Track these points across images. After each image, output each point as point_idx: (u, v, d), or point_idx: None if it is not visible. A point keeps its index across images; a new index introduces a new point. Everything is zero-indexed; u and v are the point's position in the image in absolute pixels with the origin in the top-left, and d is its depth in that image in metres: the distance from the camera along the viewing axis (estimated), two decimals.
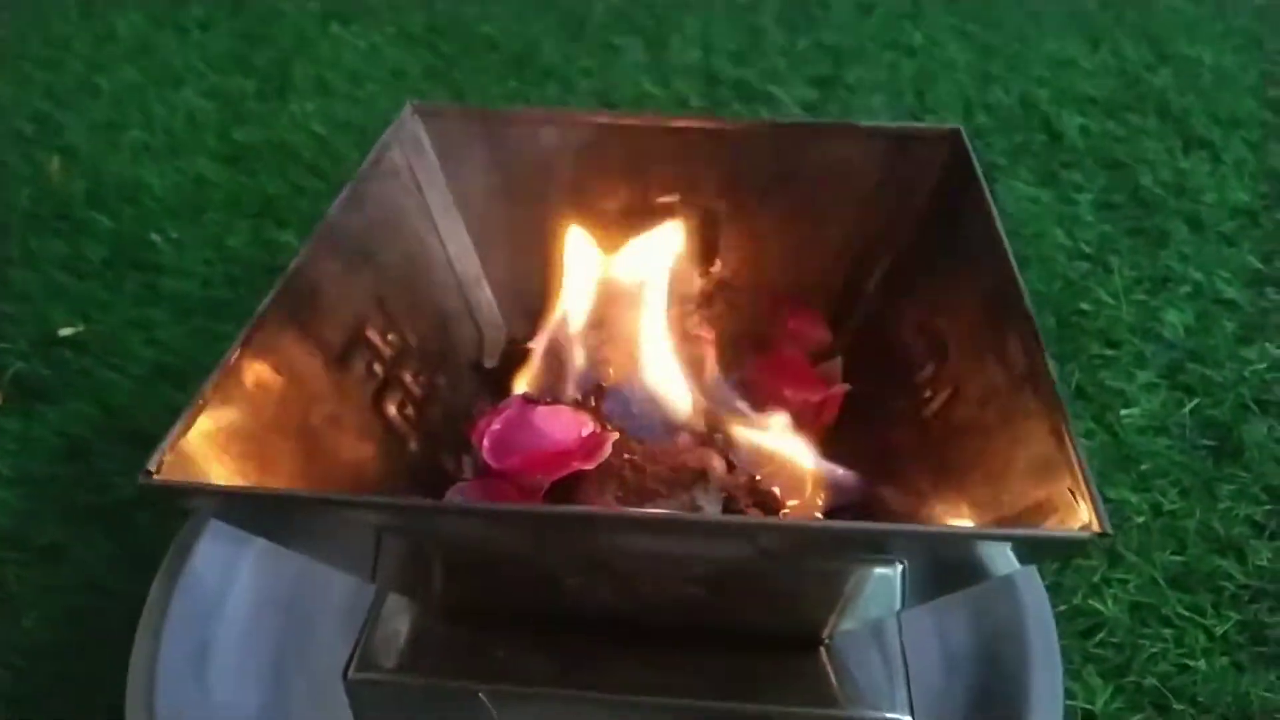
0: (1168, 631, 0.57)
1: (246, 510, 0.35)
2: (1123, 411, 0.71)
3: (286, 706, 0.52)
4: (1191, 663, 0.55)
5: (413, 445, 0.48)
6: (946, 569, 0.36)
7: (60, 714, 0.54)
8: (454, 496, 0.45)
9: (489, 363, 0.54)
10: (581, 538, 0.34)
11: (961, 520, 0.39)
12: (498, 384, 0.52)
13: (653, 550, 0.36)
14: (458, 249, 0.55)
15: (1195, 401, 0.72)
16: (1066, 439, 0.35)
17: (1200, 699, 0.53)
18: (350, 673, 0.44)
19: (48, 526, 0.63)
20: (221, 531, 0.59)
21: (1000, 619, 0.54)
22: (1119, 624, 0.57)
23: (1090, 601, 0.58)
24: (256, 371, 0.39)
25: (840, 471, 0.46)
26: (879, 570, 0.39)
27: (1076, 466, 0.33)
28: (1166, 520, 0.63)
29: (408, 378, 0.49)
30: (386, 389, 0.47)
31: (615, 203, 0.56)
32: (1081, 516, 0.32)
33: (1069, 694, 0.52)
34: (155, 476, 0.34)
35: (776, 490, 0.45)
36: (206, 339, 0.77)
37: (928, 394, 0.46)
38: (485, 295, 0.56)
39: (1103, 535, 0.31)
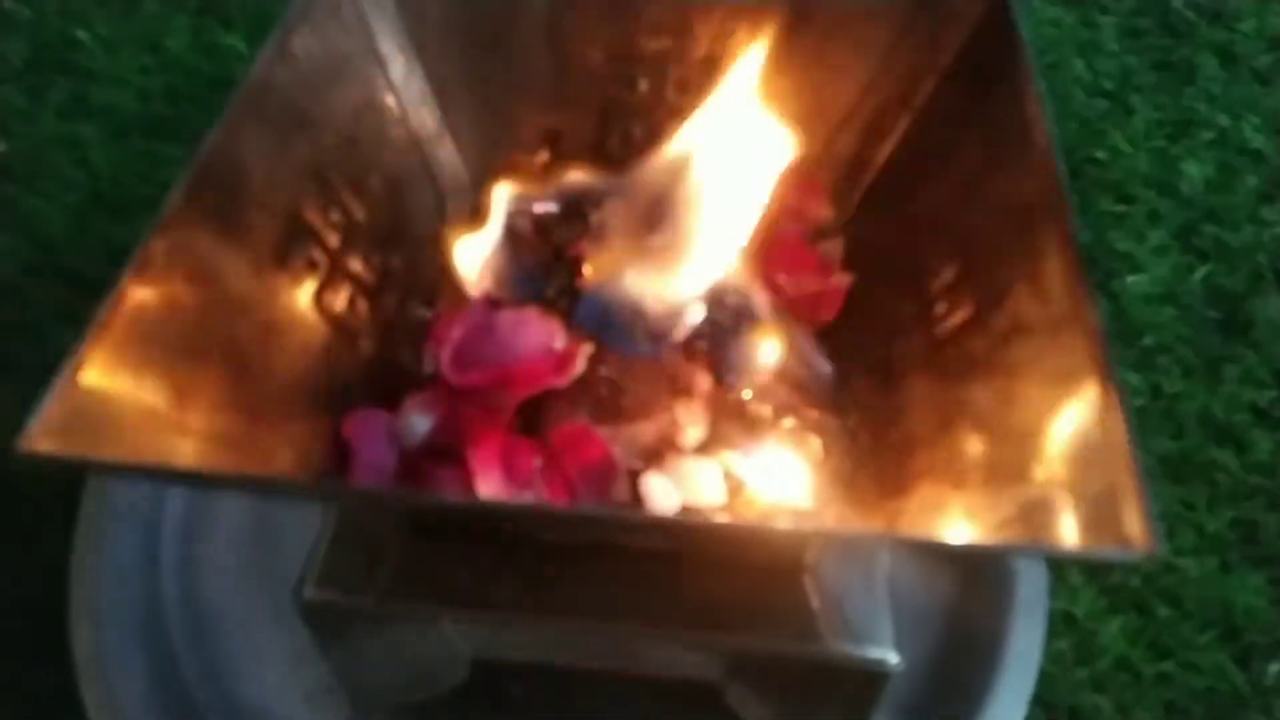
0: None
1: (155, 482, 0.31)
2: (1129, 278, 0.66)
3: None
4: (1179, 561, 0.54)
5: (364, 343, 0.43)
6: None
7: None
8: (410, 413, 0.40)
9: None
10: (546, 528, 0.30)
11: (971, 490, 0.35)
12: None
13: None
14: (413, 99, 0.48)
15: (1207, 268, 0.67)
16: (1118, 425, 0.30)
17: (1184, 602, 0.52)
18: (306, 592, 0.41)
19: None
20: None
21: None
22: None
23: None
24: (166, 284, 0.33)
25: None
26: None
27: (1127, 464, 0.29)
28: (1166, 403, 0.60)
29: (356, 264, 0.43)
30: (331, 282, 0.41)
31: (597, 46, 0.48)
32: (1126, 526, 0.28)
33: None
34: (32, 445, 0.28)
35: (768, 412, 0.41)
36: (145, 163, 0.69)
37: (943, 307, 0.41)
38: (447, 152, 0.49)
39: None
